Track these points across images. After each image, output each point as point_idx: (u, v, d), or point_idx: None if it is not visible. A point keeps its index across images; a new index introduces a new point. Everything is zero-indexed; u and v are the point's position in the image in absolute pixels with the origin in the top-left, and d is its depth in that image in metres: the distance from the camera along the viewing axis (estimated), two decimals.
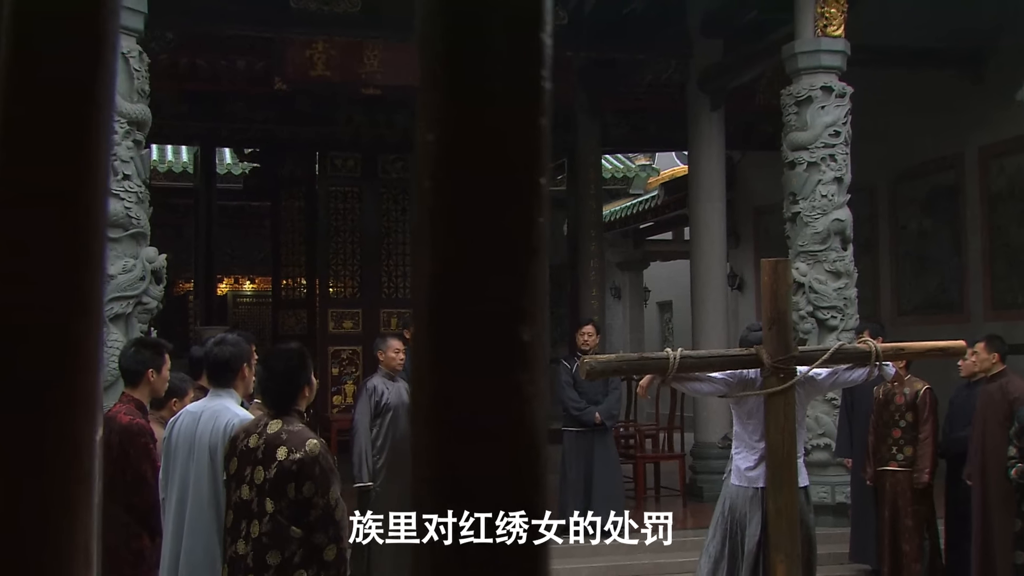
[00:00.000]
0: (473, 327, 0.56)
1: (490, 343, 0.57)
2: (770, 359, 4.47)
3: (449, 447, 0.58)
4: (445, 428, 0.58)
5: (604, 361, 4.61)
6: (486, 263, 0.56)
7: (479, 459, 0.57)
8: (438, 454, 0.58)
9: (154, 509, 4.11)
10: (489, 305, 0.56)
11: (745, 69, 9.81)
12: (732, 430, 5.02)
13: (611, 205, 17.18)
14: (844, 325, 8.03)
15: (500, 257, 0.56)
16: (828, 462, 8.12)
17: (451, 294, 0.57)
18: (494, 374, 0.56)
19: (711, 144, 10.07)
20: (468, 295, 0.57)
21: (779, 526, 4.57)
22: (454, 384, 0.58)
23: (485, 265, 0.56)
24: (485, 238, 0.56)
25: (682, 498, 9.54)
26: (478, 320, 0.56)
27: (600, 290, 12.95)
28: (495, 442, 0.57)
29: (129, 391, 4.31)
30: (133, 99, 6.80)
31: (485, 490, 0.57)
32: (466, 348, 0.56)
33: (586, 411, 8.06)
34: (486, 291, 0.56)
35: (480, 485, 0.58)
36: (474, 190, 0.56)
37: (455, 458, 0.58)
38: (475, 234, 0.56)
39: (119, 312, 6.63)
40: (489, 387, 0.57)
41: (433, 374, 0.57)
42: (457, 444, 0.57)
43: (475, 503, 0.58)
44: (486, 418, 0.57)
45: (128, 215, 6.72)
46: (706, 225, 10.13)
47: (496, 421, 0.57)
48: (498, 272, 0.56)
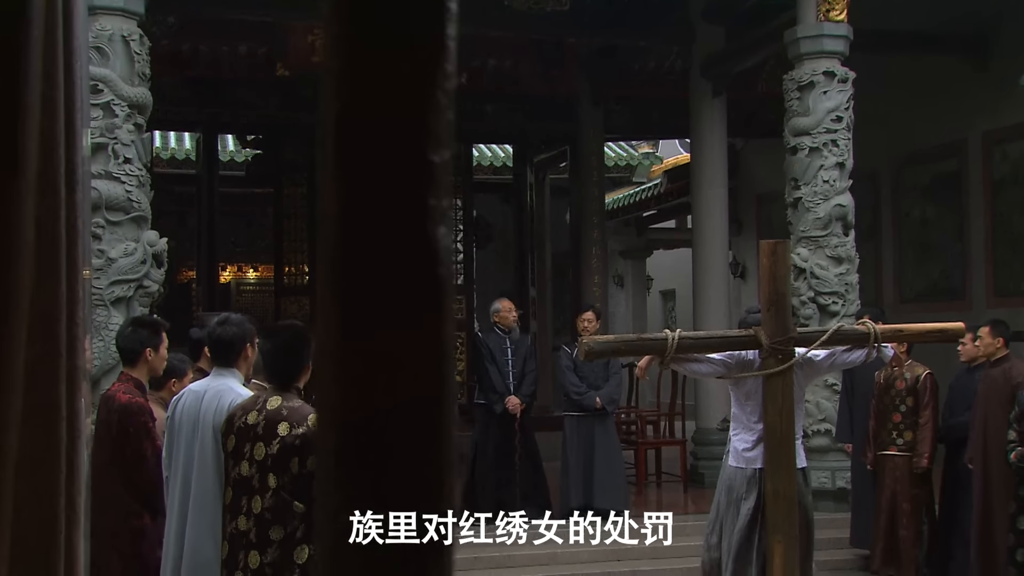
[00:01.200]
0: (379, 268, 0.56)
1: (400, 286, 0.56)
2: (768, 340, 4.47)
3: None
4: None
5: (603, 342, 4.61)
6: (381, 202, 0.56)
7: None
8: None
9: (155, 487, 4.13)
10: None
11: (747, 55, 9.79)
12: (731, 412, 5.02)
13: (614, 193, 17.16)
14: (845, 311, 8.03)
15: (396, 197, 0.56)
16: (829, 447, 8.13)
17: (353, 232, 0.56)
18: (403, 326, 0.56)
19: (713, 130, 10.06)
20: (370, 231, 0.56)
21: (777, 507, 4.58)
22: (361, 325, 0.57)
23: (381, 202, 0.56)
24: (381, 180, 0.56)
25: (683, 484, 9.55)
26: (384, 261, 0.56)
27: (603, 278, 12.95)
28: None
29: (127, 370, 4.32)
30: (134, 82, 6.80)
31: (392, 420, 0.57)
32: (373, 291, 0.56)
33: (587, 396, 8.07)
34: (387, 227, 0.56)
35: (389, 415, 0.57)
36: (369, 128, 0.56)
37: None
38: (371, 175, 0.56)
39: (120, 295, 6.65)
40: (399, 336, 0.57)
41: (334, 316, 0.57)
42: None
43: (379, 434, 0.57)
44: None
45: (129, 198, 6.73)
46: (708, 212, 10.12)
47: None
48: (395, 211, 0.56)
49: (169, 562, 3.81)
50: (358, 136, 0.57)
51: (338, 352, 0.58)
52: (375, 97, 0.57)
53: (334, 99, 0.57)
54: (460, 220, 13.21)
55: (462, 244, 13.20)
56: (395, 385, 0.57)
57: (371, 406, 0.57)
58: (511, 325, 8.17)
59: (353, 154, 0.57)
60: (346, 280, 0.58)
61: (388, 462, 0.57)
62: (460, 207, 13.21)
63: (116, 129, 6.69)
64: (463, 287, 13.03)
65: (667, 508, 8.99)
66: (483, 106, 12.56)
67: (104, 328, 6.49)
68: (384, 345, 0.56)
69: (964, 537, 6.66)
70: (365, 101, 0.57)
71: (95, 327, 6.59)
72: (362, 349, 0.57)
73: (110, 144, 6.68)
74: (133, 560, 4.13)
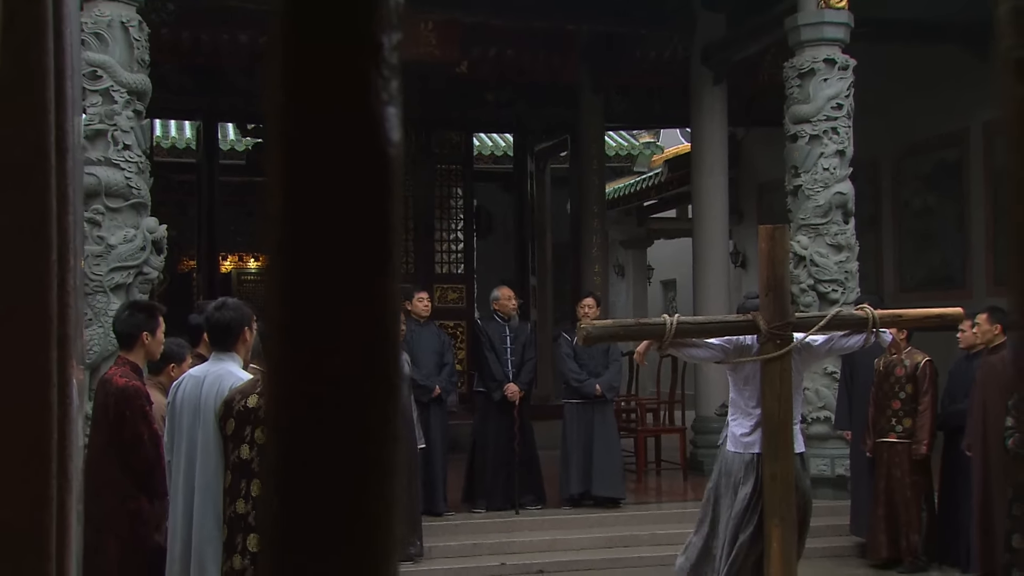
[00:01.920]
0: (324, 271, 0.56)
1: (345, 289, 0.56)
2: (767, 325, 4.47)
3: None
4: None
5: (601, 326, 4.62)
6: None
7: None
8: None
9: (153, 470, 4.13)
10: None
11: (748, 42, 9.77)
12: (729, 397, 5.02)
13: (615, 183, 17.15)
14: (845, 299, 8.02)
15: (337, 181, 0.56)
16: (828, 435, 8.13)
17: (298, 231, 0.56)
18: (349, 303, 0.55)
19: (713, 118, 10.04)
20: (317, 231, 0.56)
21: (774, 491, 4.58)
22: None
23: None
24: (329, 174, 0.56)
25: (682, 471, 9.57)
26: (328, 264, 0.56)
27: (603, 267, 12.94)
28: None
29: (124, 354, 4.33)
30: (133, 69, 6.80)
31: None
32: (319, 293, 0.55)
33: (586, 383, 8.08)
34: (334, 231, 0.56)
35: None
36: (315, 120, 0.56)
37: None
38: (319, 169, 0.55)
39: (120, 282, 6.65)
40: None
41: (284, 308, 0.57)
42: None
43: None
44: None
45: (128, 185, 6.73)
46: (708, 200, 10.11)
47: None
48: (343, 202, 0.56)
49: (177, 545, 3.83)
50: (304, 128, 0.57)
51: (284, 334, 0.57)
52: (321, 89, 0.56)
53: (279, 92, 0.56)
54: (461, 209, 13.20)
55: (463, 233, 13.19)
56: (339, 362, 0.56)
57: (315, 382, 0.57)
58: (510, 313, 8.17)
59: (299, 147, 0.57)
60: (292, 282, 0.57)
61: (332, 439, 0.56)
62: (461, 196, 13.20)
63: (115, 115, 6.68)
64: (464, 276, 13.04)
65: (666, 496, 9.04)
66: (484, 94, 12.54)
67: (103, 315, 6.49)
68: (329, 323, 0.56)
69: (963, 523, 6.67)
70: (311, 93, 0.56)
71: (95, 313, 6.60)
72: (308, 330, 0.57)
73: (109, 131, 6.67)
74: (130, 543, 4.14)
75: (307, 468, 0.56)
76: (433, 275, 12.55)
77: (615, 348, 8.35)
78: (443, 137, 12.89)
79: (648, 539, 7.52)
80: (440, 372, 7.85)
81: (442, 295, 12.56)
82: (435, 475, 7.68)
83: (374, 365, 0.57)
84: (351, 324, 0.56)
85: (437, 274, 12.72)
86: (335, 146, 0.57)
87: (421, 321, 7.93)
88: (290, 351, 0.57)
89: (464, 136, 13.16)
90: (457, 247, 13.11)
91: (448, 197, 13.14)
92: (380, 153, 0.58)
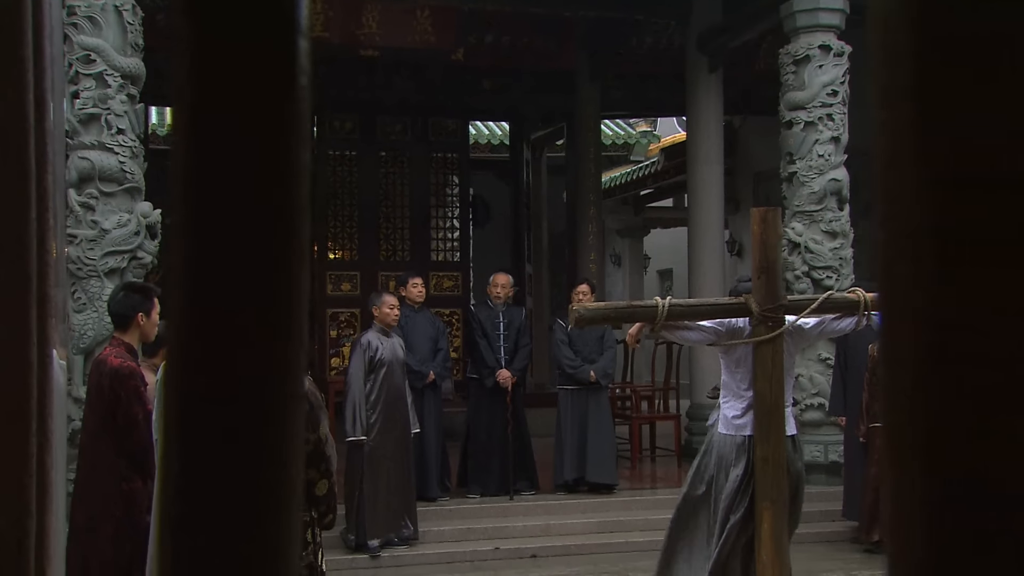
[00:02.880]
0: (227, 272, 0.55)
1: (244, 302, 0.55)
2: (759, 308, 4.48)
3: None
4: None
5: (593, 308, 4.62)
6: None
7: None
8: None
9: (147, 451, 4.14)
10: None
11: (744, 28, 9.75)
12: (721, 380, 5.03)
13: (611, 172, 17.14)
14: (839, 285, 8.03)
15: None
16: (822, 421, 8.15)
17: (202, 243, 0.55)
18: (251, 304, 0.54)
19: (709, 105, 10.03)
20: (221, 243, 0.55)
21: (765, 473, 4.59)
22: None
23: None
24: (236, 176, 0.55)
25: (677, 458, 9.59)
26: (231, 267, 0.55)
27: (599, 256, 12.94)
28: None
29: (119, 335, 4.32)
30: (127, 53, 6.78)
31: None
32: (223, 296, 0.55)
33: (581, 369, 8.09)
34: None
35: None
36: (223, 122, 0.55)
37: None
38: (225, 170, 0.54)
39: (114, 267, 6.65)
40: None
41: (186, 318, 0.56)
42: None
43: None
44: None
45: (122, 169, 6.72)
46: (704, 188, 10.11)
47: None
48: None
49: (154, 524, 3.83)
50: (211, 131, 0.55)
51: (183, 327, 0.56)
52: (228, 91, 0.55)
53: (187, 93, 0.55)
54: (457, 197, 13.20)
55: (459, 221, 13.19)
56: (239, 362, 0.55)
57: (216, 382, 0.56)
58: (504, 299, 8.18)
59: (206, 149, 0.56)
60: (196, 288, 0.56)
61: (230, 441, 0.55)
62: (457, 184, 13.19)
63: (109, 100, 6.67)
64: (460, 264, 13.04)
65: (661, 482, 9.06)
66: (480, 81, 12.52)
67: (97, 299, 6.49)
68: (231, 322, 0.55)
69: None
70: (217, 96, 0.55)
71: (89, 298, 6.60)
72: (207, 324, 0.56)
73: (103, 115, 6.66)
74: (125, 523, 4.15)
75: (206, 457, 0.54)
76: (429, 263, 12.55)
77: (610, 335, 8.36)
78: (439, 125, 12.87)
79: (641, 524, 7.54)
80: (435, 358, 7.86)
81: (438, 283, 12.57)
82: (428, 460, 7.70)
83: (275, 363, 0.55)
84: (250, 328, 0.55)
85: (433, 262, 12.72)
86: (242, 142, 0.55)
87: (415, 307, 7.94)
88: (187, 338, 0.55)
89: (460, 124, 13.15)
90: (453, 235, 13.11)
91: (444, 185, 13.13)
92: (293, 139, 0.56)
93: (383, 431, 6.85)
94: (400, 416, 6.97)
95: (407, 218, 12.66)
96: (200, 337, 0.56)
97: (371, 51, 11.14)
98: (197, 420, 0.54)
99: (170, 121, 0.73)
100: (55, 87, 1.35)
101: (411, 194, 12.66)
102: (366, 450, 6.80)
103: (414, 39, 11.10)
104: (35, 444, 1.32)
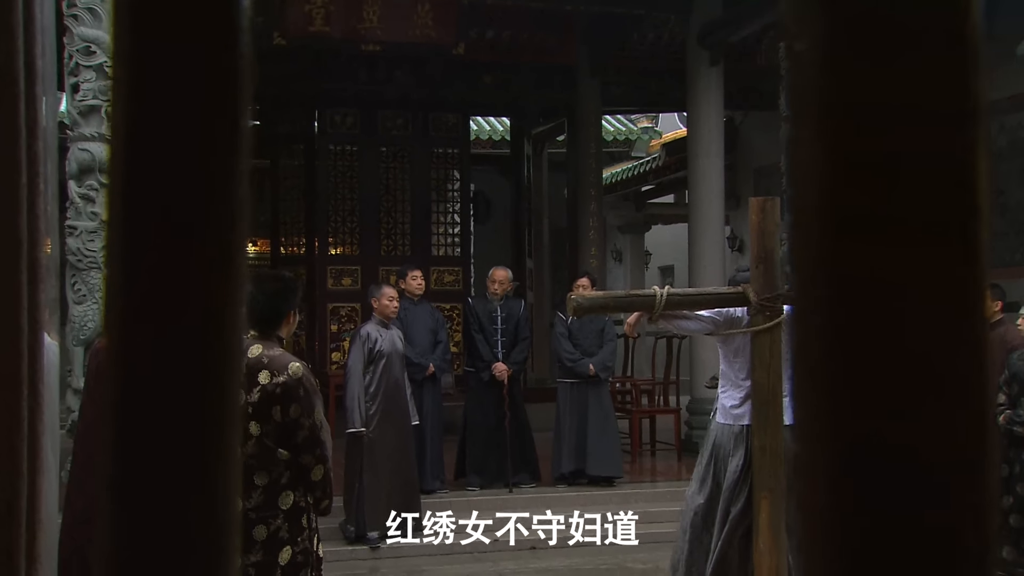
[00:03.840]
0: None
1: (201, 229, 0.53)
2: (757, 297, 4.48)
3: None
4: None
5: (591, 297, 4.63)
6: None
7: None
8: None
9: None
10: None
11: (745, 22, 9.75)
12: (719, 370, 5.04)
13: (612, 168, 17.14)
14: None
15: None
16: None
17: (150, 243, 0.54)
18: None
19: (709, 100, 10.03)
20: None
21: (764, 463, 4.59)
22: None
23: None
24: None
25: (677, 452, 9.60)
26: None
27: (600, 252, 12.95)
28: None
29: None
30: None
31: None
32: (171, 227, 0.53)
33: (580, 362, 8.09)
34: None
35: None
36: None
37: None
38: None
39: None
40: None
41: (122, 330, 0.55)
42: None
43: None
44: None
45: None
46: (705, 182, 10.10)
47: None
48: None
49: None
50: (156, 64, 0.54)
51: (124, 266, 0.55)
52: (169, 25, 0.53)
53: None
54: (458, 192, 13.20)
55: (459, 216, 13.20)
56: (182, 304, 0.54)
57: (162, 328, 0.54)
58: (502, 292, 8.17)
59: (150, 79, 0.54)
60: (131, 215, 0.54)
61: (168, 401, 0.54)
62: (458, 179, 13.20)
63: (109, 91, 6.66)
64: (460, 259, 13.05)
65: (661, 475, 9.07)
66: (481, 76, 12.52)
67: (98, 291, 6.49)
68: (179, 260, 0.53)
69: None
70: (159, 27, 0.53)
71: (89, 290, 6.60)
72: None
73: (103, 106, 6.66)
74: None
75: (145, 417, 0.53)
76: (430, 258, 12.56)
77: (611, 328, 8.36)
78: (440, 120, 12.88)
79: (641, 517, 7.54)
80: (434, 350, 7.87)
81: (439, 278, 12.58)
82: (427, 452, 7.71)
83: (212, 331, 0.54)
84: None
85: (434, 256, 12.73)
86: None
87: (415, 300, 7.95)
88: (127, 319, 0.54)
89: (461, 119, 13.15)
90: (454, 230, 13.12)
91: (445, 180, 13.14)
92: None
93: (383, 422, 6.87)
94: (400, 408, 6.98)
95: (408, 213, 12.67)
96: (133, 279, 0.54)
97: (372, 46, 11.14)
98: (131, 374, 0.54)
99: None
100: (45, 53, 1.36)
101: (412, 189, 12.67)
102: (365, 441, 6.81)
103: (415, 34, 11.09)
104: (26, 408, 1.33)
